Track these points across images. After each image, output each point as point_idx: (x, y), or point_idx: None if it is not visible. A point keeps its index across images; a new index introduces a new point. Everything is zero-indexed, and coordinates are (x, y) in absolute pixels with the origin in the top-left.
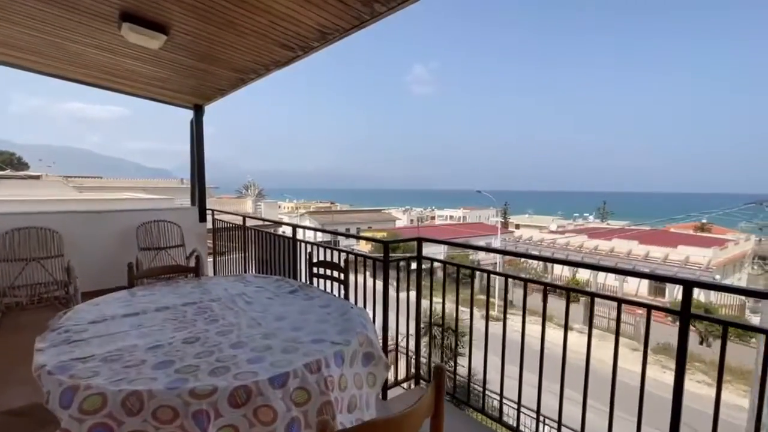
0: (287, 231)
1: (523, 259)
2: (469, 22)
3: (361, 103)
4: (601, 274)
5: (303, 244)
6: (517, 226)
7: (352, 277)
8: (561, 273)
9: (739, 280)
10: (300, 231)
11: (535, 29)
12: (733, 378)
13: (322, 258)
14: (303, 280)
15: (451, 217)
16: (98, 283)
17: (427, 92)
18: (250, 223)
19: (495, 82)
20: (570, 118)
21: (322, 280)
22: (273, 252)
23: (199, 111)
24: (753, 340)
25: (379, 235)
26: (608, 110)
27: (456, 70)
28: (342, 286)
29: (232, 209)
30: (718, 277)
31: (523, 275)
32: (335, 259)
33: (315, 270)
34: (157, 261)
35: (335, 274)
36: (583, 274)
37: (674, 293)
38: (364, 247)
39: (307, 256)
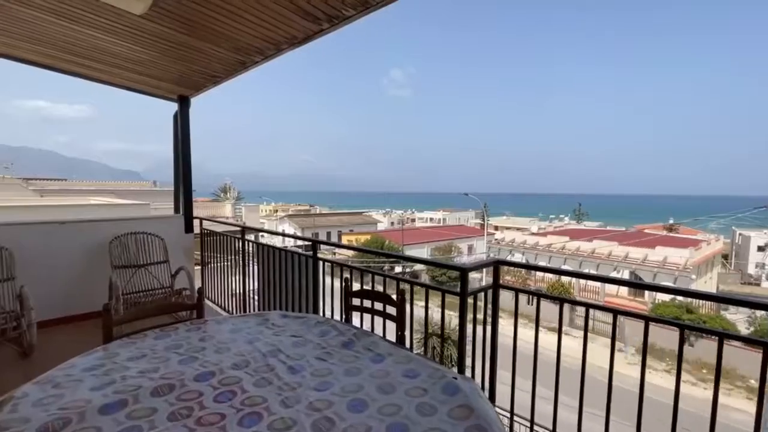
0: (271, 240)
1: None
2: (444, 26)
3: (337, 106)
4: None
5: (328, 266)
6: (496, 228)
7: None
8: (543, 276)
9: (711, 278)
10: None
11: (512, 30)
12: (734, 383)
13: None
14: (328, 312)
15: (431, 219)
16: (62, 309)
17: (404, 95)
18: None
19: (470, 86)
20: (546, 121)
21: (359, 315)
22: (282, 272)
23: (184, 103)
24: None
25: (362, 239)
26: (588, 111)
27: (432, 75)
28: (396, 326)
29: (207, 214)
30: (694, 276)
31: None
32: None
33: (350, 300)
34: (136, 281)
35: (369, 304)
36: (566, 276)
37: (653, 293)
38: (345, 253)
39: (342, 283)
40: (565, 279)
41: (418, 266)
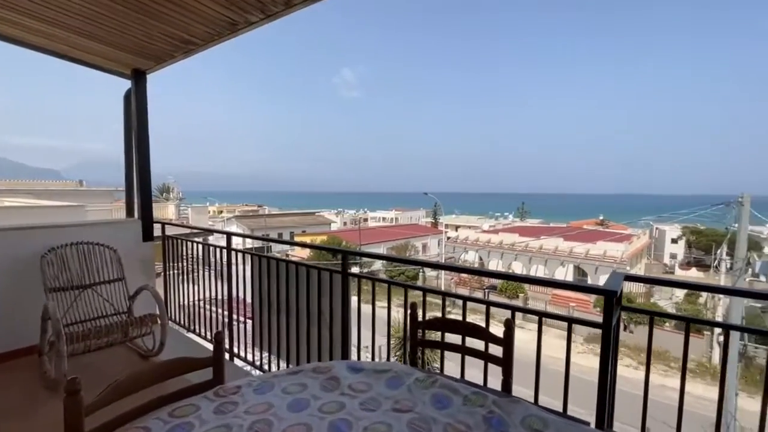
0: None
1: (461, 261)
2: (391, 28)
3: (286, 105)
4: (533, 268)
5: (367, 283)
6: (446, 226)
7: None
8: (496, 268)
9: (639, 269)
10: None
11: (459, 34)
12: (652, 359)
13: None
14: (361, 346)
15: (384, 218)
16: None
17: (355, 96)
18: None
19: (419, 87)
20: (491, 122)
21: (421, 350)
22: (292, 292)
23: (140, 80)
24: (666, 324)
25: (318, 240)
26: (532, 113)
27: (382, 75)
28: (502, 373)
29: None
30: (628, 268)
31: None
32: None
33: (419, 333)
34: (80, 306)
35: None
36: (515, 268)
37: (597, 281)
38: (300, 253)
39: (409, 309)
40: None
41: (377, 265)
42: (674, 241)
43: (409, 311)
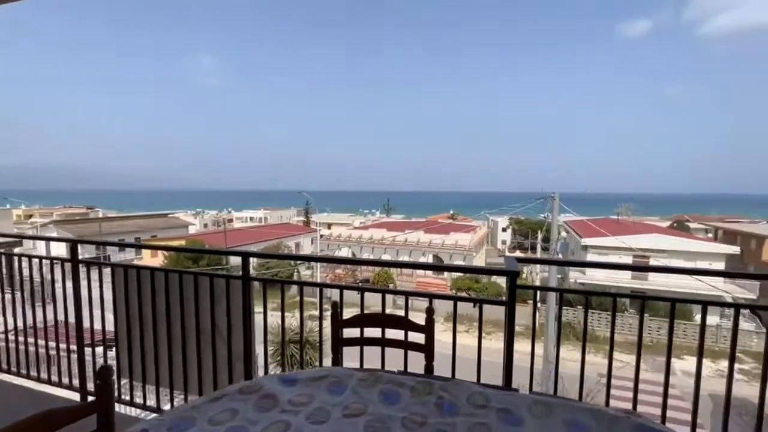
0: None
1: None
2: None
3: (127, 86)
4: (400, 259)
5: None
6: (319, 224)
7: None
8: (368, 256)
9: (482, 254)
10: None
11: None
12: (496, 329)
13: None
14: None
15: (252, 218)
16: None
17: (213, 84)
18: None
19: (279, 79)
20: (352, 120)
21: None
22: (167, 305)
23: None
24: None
25: (175, 245)
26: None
27: (241, 64)
28: (425, 359)
29: None
30: (474, 254)
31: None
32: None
33: (342, 332)
34: None
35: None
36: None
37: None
38: (149, 260)
39: (335, 309)
40: (391, 267)
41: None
42: (504, 229)
43: (331, 311)
